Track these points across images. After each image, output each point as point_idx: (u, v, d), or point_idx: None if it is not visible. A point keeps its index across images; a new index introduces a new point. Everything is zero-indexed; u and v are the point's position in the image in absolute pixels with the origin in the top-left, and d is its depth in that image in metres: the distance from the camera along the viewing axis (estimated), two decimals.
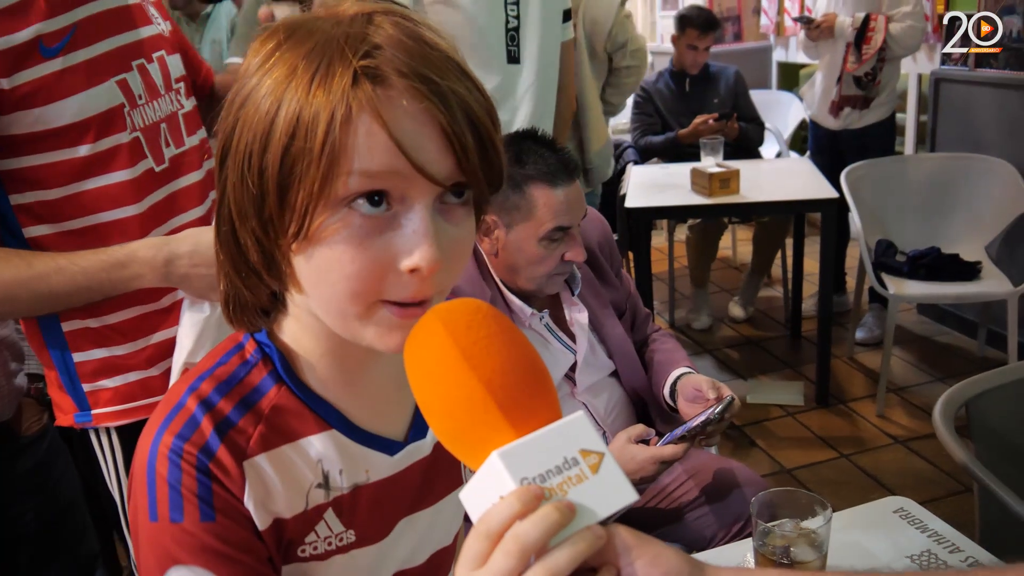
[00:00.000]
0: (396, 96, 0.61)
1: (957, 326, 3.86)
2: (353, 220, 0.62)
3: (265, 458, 0.72)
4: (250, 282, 0.70)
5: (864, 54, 3.58)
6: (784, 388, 3.45)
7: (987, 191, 3.40)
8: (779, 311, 4.22)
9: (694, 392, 1.63)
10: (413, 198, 0.63)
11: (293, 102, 0.61)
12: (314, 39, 0.62)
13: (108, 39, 1.22)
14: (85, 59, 1.18)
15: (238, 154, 0.64)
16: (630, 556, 0.57)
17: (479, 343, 0.58)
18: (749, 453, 3.01)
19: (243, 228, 0.66)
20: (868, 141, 3.72)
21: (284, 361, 0.75)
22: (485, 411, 0.57)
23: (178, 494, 0.68)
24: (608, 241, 1.84)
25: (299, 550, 0.76)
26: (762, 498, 1.12)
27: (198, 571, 0.68)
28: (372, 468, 0.78)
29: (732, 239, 4.98)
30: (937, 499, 2.66)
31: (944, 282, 3.20)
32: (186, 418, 0.70)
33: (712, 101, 4.02)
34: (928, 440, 2.97)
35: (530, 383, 0.59)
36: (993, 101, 3.50)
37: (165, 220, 1.30)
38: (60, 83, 1.15)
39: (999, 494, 1.35)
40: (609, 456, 0.58)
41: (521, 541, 0.54)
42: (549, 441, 0.57)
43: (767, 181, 3.41)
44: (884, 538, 1.25)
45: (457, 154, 0.63)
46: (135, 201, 1.24)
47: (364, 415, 0.78)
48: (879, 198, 3.48)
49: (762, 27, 5.85)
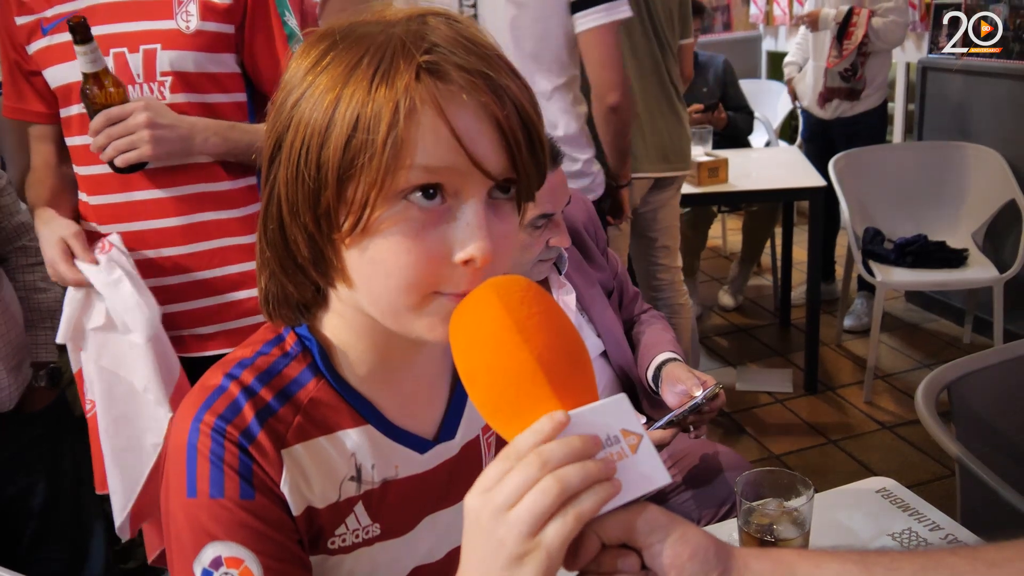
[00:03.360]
0: (457, 91, 0.62)
1: (944, 313, 3.89)
2: (410, 213, 0.64)
3: (302, 448, 0.74)
4: (297, 279, 0.72)
5: (844, 49, 3.59)
6: (773, 375, 3.48)
7: (974, 179, 3.43)
8: (768, 299, 4.25)
9: (680, 390, 1.62)
10: (467, 192, 0.65)
11: (354, 98, 0.62)
12: (371, 39, 0.64)
13: (97, 26, 1.41)
14: (65, 40, 1.42)
15: (293, 151, 0.65)
16: (661, 533, 0.58)
17: (532, 318, 0.60)
18: (738, 439, 3.04)
19: (294, 224, 0.68)
20: (859, 129, 3.74)
21: (324, 355, 0.76)
22: (533, 383, 0.58)
23: (219, 470, 0.69)
24: (593, 221, 1.85)
25: (328, 542, 0.77)
26: (746, 478, 1.14)
27: (234, 547, 0.69)
28: (402, 464, 0.80)
29: (722, 228, 5.00)
30: (923, 483, 2.69)
31: (931, 269, 3.24)
32: (229, 401, 0.72)
33: (701, 90, 4.03)
34: (914, 426, 3.00)
35: (575, 360, 0.61)
36: (980, 90, 3.52)
37: (118, 191, 1.50)
38: (46, 56, 1.48)
39: (977, 472, 1.37)
40: (647, 439, 0.59)
41: (544, 456, 0.55)
42: (595, 417, 0.59)
43: (756, 170, 3.43)
44: (866, 517, 1.27)
45: (511, 149, 0.65)
46: (87, 163, 1.51)
47: (398, 412, 0.79)
48: (867, 186, 3.51)
49: (751, 17, 5.86)
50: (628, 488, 0.57)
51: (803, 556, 0.59)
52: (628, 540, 0.58)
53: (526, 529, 0.54)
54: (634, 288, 1.91)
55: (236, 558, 0.69)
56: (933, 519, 1.25)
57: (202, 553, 0.69)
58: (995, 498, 1.36)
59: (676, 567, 0.57)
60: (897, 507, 1.29)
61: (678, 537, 0.58)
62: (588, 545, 0.58)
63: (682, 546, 0.57)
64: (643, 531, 0.58)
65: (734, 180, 3.25)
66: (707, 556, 0.57)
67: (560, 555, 0.55)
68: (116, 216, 1.51)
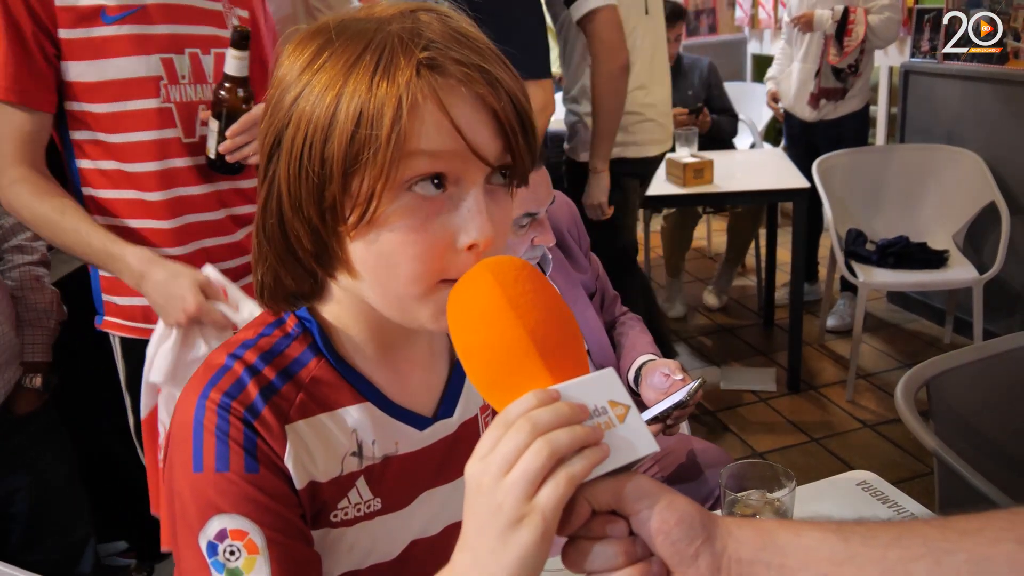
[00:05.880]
0: (455, 85, 0.65)
1: (925, 313, 3.95)
2: (414, 203, 0.66)
3: (305, 424, 0.76)
4: (296, 272, 0.74)
5: (846, 46, 3.61)
6: (756, 374, 3.52)
7: (954, 181, 3.48)
8: (752, 299, 4.29)
9: (661, 377, 1.67)
10: (467, 179, 0.68)
11: (356, 93, 0.64)
12: (367, 36, 0.66)
13: (170, 24, 1.48)
14: (138, 33, 1.45)
15: (295, 147, 0.67)
16: (649, 500, 0.59)
17: (526, 295, 0.62)
18: (722, 437, 3.07)
19: (296, 218, 0.70)
20: (842, 132, 3.78)
21: (324, 335, 0.78)
22: (526, 357, 0.61)
23: (225, 445, 0.71)
24: (576, 223, 1.88)
25: (331, 515, 0.79)
26: (730, 470, 1.17)
27: (239, 519, 0.70)
28: (402, 441, 0.82)
29: (707, 229, 5.05)
30: (903, 480, 2.73)
31: (912, 270, 3.28)
32: (233, 379, 0.74)
33: (686, 92, 4.07)
34: (895, 424, 3.04)
35: (567, 336, 0.63)
36: (961, 93, 3.57)
37: (182, 185, 1.53)
38: (108, 46, 1.44)
39: (954, 465, 1.40)
40: (634, 409, 0.62)
41: (533, 420, 0.57)
42: (583, 389, 0.61)
43: (740, 171, 3.47)
44: (847, 509, 1.31)
45: (508, 136, 0.68)
46: (154, 159, 1.50)
47: (397, 391, 0.82)
48: (850, 188, 3.55)
49: (736, 20, 5.91)
50: (617, 454, 0.59)
51: (784, 525, 0.62)
52: (617, 506, 0.60)
53: (521, 492, 0.56)
54: (613, 291, 1.95)
55: (241, 530, 0.70)
56: (912, 510, 1.28)
57: (207, 526, 0.70)
58: (972, 492, 1.39)
59: (663, 533, 0.58)
60: (877, 499, 1.32)
61: (665, 504, 0.59)
62: (579, 511, 0.59)
63: (669, 513, 0.59)
64: (631, 498, 0.59)
65: (719, 181, 3.29)
66: (693, 523, 0.59)
67: (555, 518, 0.57)
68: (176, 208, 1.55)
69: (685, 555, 0.58)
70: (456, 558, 0.61)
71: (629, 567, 0.59)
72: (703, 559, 0.58)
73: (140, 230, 1.53)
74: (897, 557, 0.57)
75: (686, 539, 0.58)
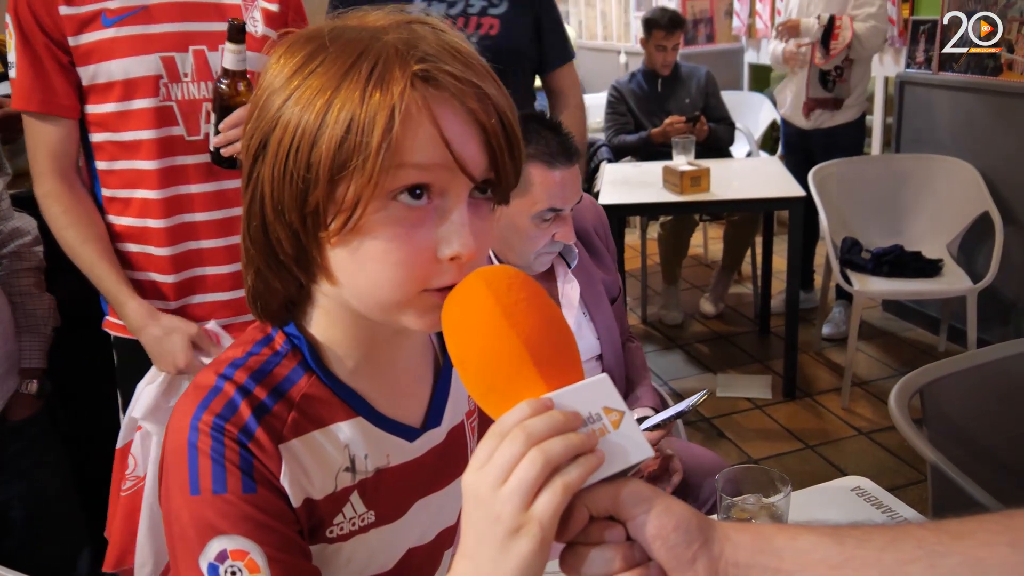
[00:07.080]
0: (448, 98, 0.66)
1: (920, 322, 3.97)
2: (398, 212, 0.67)
3: (298, 442, 0.76)
4: (282, 275, 0.74)
5: (832, 50, 3.65)
6: (752, 382, 3.53)
7: (949, 191, 3.50)
8: (748, 307, 4.31)
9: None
10: (453, 192, 0.68)
11: (348, 100, 0.64)
12: (362, 45, 0.66)
13: (176, 23, 1.50)
14: (138, 33, 1.47)
15: (281, 150, 0.67)
16: (645, 505, 0.60)
17: (519, 304, 0.63)
18: (718, 444, 3.09)
19: (278, 222, 0.70)
20: (838, 140, 3.80)
21: (313, 352, 0.78)
22: (521, 366, 0.61)
23: (221, 467, 0.71)
24: (603, 224, 1.89)
25: (327, 531, 0.79)
26: (727, 475, 1.19)
27: (239, 540, 0.70)
28: (393, 453, 0.83)
29: (703, 237, 5.07)
30: (898, 487, 2.75)
31: (907, 279, 3.30)
32: (224, 401, 0.73)
33: (684, 101, 4.09)
34: (890, 432, 3.06)
35: (560, 344, 0.64)
36: (955, 104, 3.59)
37: (185, 183, 1.55)
38: (110, 47, 1.47)
39: (947, 471, 1.42)
40: (629, 414, 0.62)
41: (528, 430, 0.58)
42: (578, 396, 0.62)
43: (737, 179, 3.49)
44: (842, 514, 1.32)
45: (494, 151, 0.69)
46: (156, 157, 1.52)
47: (386, 404, 0.82)
48: (845, 197, 3.57)
49: (734, 29, 5.94)
50: (612, 461, 0.60)
51: (780, 529, 0.62)
52: (614, 512, 0.60)
53: (519, 502, 0.57)
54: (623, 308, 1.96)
55: (241, 550, 0.70)
56: (906, 516, 1.30)
57: (207, 548, 0.70)
58: (965, 498, 1.41)
59: (660, 537, 0.59)
60: (871, 504, 1.34)
61: (662, 509, 0.60)
62: (577, 517, 0.60)
63: (666, 518, 0.59)
64: (628, 503, 0.60)
65: (716, 189, 3.31)
66: (690, 527, 0.59)
67: (552, 526, 0.58)
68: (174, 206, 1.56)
69: (682, 559, 0.59)
70: (457, 566, 0.62)
71: (627, 572, 0.60)
72: (700, 563, 0.59)
73: (139, 229, 1.56)
74: (892, 560, 0.58)
75: (683, 543, 0.59)
